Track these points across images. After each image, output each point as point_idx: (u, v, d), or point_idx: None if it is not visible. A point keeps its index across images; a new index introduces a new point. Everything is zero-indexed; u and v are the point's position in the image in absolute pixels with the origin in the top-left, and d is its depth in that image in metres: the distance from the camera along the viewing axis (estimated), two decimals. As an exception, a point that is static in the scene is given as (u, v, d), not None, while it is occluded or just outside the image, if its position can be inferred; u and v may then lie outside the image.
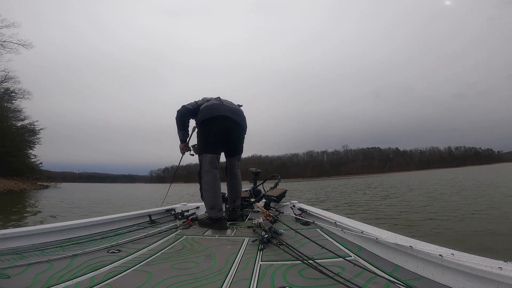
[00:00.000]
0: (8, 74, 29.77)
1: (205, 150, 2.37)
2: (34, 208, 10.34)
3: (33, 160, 37.35)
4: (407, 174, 60.74)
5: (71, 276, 1.12)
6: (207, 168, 2.33)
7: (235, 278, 1.11)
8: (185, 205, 3.15)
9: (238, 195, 2.71)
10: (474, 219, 5.42)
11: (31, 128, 34.34)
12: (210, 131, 2.37)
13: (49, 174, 60.89)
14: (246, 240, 1.74)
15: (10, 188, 24.05)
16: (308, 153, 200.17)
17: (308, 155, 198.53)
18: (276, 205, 3.24)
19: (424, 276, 1.01)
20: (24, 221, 7.09)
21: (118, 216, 2.31)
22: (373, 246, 1.35)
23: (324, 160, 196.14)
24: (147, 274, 1.16)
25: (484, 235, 4.19)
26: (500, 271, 0.76)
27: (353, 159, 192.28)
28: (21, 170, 31.69)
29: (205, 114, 2.39)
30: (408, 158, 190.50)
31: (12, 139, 29.89)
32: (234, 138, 2.53)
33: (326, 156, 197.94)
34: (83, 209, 10.25)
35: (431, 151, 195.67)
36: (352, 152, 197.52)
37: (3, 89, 30.85)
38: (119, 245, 1.64)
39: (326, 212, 2.20)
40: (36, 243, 1.63)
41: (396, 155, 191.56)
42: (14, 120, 32.68)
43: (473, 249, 3.35)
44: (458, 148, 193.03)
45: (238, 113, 2.50)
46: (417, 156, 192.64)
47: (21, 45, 28.47)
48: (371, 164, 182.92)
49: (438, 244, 1.04)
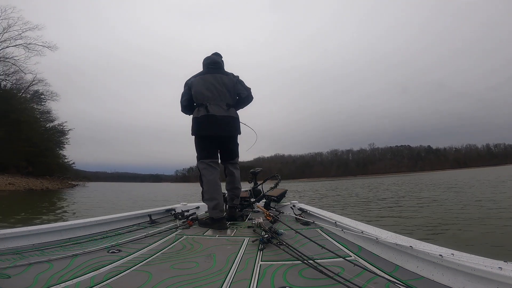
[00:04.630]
0: (36, 77, 30.71)
1: (202, 157, 2.46)
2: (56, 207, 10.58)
3: (66, 160, 38.49)
4: (450, 173, 55.52)
5: (71, 276, 1.12)
6: (206, 170, 2.42)
7: (235, 278, 1.11)
8: (185, 205, 3.14)
9: (237, 193, 2.72)
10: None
11: (60, 129, 35.22)
12: (202, 143, 2.48)
13: (84, 174, 64.10)
14: (246, 240, 1.74)
15: (32, 188, 24.42)
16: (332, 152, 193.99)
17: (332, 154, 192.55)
18: (276, 205, 3.25)
19: (424, 276, 1.01)
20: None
21: (118, 216, 2.31)
22: (373, 246, 1.35)
23: (349, 159, 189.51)
24: (147, 274, 1.16)
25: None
26: (500, 271, 0.76)
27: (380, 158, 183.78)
28: (52, 170, 32.53)
29: (195, 129, 2.47)
30: (441, 156, 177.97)
31: (42, 139, 30.52)
32: (226, 147, 2.61)
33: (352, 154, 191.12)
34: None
35: (467, 149, 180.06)
36: (380, 150, 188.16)
37: (32, 91, 32.00)
38: (119, 245, 1.63)
39: (326, 212, 2.20)
40: (36, 243, 1.63)
41: (428, 154, 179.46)
42: (44, 121, 33.65)
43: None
44: (497, 146, 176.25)
45: (225, 125, 2.48)
46: (452, 154, 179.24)
47: (46, 47, 29.09)
48: (400, 163, 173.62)
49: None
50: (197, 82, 2.50)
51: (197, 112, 2.46)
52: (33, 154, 28.53)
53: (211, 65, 2.60)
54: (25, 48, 28.25)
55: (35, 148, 28.38)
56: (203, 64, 2.65)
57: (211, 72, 2.53)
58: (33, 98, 32.34)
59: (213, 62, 2.61)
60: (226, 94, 2.50)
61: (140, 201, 14.14)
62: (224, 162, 2.66)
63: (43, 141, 30.72)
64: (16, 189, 22.51)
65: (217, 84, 2.47)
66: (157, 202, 13.35)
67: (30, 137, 27.85)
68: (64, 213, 8.64)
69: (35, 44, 28.44)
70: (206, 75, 2.52)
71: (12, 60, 28.12)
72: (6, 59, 27.83)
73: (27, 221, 6.53)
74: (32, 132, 28.69)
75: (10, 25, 26.98)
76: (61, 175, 33.83)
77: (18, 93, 30.10)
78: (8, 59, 27.91)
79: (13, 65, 28.29)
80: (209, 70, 2.57)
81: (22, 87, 30.65)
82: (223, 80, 2.50)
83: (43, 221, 6.68)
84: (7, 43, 27.57)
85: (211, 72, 2.54)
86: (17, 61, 28.34)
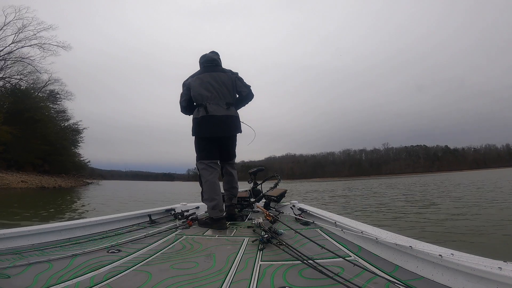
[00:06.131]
0: (51, 76, 30.94)
1: (202, 158, 2.46)
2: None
3: (82, 159, 38.91)
4: (473, 173, 52.08)
5: (71, 276, 1.13)
6: (206, 171, 2.41)
7: (235, 278, 1.11)
8: (185, 205, 3.13)
9: (235, 193, 2.72)
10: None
11: (74, 127, 35.65)
12: (202, 143, 2.46)
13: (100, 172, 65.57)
14: (246, 240, 1.73)
15: (45, 185, 24.21)
16: (345, 151, 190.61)
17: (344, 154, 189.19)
18: (276, 205, 3.24)
19: (424, 276, 1.01)
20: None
21: (118, 216, 2.31)
22: (373, 246, 1.35)
23: (362, 158, 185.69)
24: (147, 274, 1.16)
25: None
26: (500, 271, 0.76)
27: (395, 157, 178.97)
28: (68, 168, 33.08)
29: (195, 131, 2.45)
30: (460, 156, 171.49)
31: (57, 138, 30.84)
32: (226, 148, 2.59)
33: (365, 154, 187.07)
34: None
35: (486, 149, 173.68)
36: (394, 150, 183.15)
37: (48, 90, 32.38)
38: (119, 245, 1.63)
39: (326, 212, 2.19)
40: (36, 243, 1.63)
41: (445, 154, 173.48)
42: (60, 120, 34.23)
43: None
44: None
45: (226, 124, 2.45)
46: (470, 154, 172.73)
47: (60, 47, 29.12)
48: (416, 163, 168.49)
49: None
50: (195, 82, 2.45)
51: (196, 113, 2.43)
52: (48, 153, 28.93)
53: (207, 63, 2.55)
54: (40, 48, 28.35)
55: (50, 147, 28.76)
56: (199, 62, 2.61)
57: (208, 71, 2.48)
58: (49, 98, 32.88)
59: (210, 60, 2.56)
60: (225, 93, 2.46)
61: (160, 199, 13.81)
62: (222, 162, 2.65)
63: (58, 140, 31.06)
64: (28, 186, 22.46)
65: (215, 83, 2.42)
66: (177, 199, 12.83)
67: (45, 136, 28.13)
68: (59, 214, 8.15)
69: (49, 44, 28.55)
70: (204, 74, 2.47)
71: (28, 60, 28.23)
72: (22, 59, 27.95)
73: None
74: (48, 131, 28.97)
75: (25, 25, 27.06)
76: (76, 173, 34.27)
77: (34, 93, 30.38)
78: (24, 59, 28.03)
79: (29, 65, 28.48)
80: (206, 68, 2.52)
81: (37, 87, 30.86)
82: (221, 78, 2.45)
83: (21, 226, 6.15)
84: (23, 43, 27.69)
85: (208, 70, 2.49)
86: (33, 61, 28.44)
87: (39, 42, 28.28)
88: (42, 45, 28.42)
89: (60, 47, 29.19)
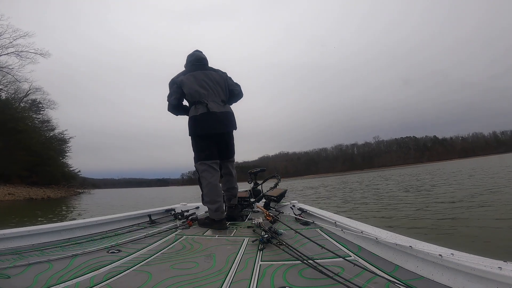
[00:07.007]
0: (32, 85, 29.84)
1: (201, 158, 2.38)
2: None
3: (72, 168, 37.86)
4: (462, 162, 52.31)
5: (71, 276, 1.12)
6: (208, 172, 2.33)
7: (235, 278, 1.11)
8: (185, 205, 3.11)
9: (235, 193, 2.67)
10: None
11: (60, 137, 34.61)
12: (202, 143, 2.39)
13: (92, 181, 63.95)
14: (246, 240, 1.73)
15: (33, 197, 23.73)
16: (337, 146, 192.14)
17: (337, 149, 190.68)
18: (276, 205, 3.22)
19: (424, 276, 1.01)
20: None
21: (118, 216, 2.29)
22: (373, 246, 1.34)
23: (354, 153, 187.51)
24: (147, 274, 1.16)
25: None
26: (500, 271, 0.75)
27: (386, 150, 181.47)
28: (57, 179, 31.83)
29: (195, 129, 2.37)
30: (448, 146, 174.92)
31: (43, 148, 29.91)
32: (225, 145, 2.52)
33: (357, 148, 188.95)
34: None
35: (474, 137, 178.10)
36: (385, 143, 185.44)
37: (30, 100, 31.17)
38: (119, 245, 1.63)
39: (326, 212, 2.18)
40: (36, 243, 1.62)
41: (434, 144, 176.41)
42: (44, 130, 33.00)
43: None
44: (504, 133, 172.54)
45: (226, 120, 2.43)
46: (458, 143, 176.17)
47: (38, 54, 28.06)
48: (407, 154, 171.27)
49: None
50: (188, 80, 2.39)
51: (195, 111, 2.36)
52: (34, 164, 28.05)
53: (197, 61, 2.53)
54: (17, 56, 27.25)
55: (35, 157, 27.90)
56: (187, 61, 2.57)
57: (199, 69, 2.45)
58: (31, 107, 31.68)
59: (199, 58, 2.54)
60: (219, 91, 2.45)
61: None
62: (222, 161, 2.59)
63: (44, 150, 30.27)
64: (15, 199, 21.91)
65: (209, 81, 2.40)
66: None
67: (29, 146, 27.34)
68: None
69: (27, 52, 27.43)
70: (196, 72, 2.43)
71: (6, 69, 27.08)
72: (0, 68, 26.88)
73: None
74: (32, 141, 28.20)
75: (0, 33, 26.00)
76: (66, 184, 33.36)
77: (15, 103, 29.50)
78: (2, 68, 26.93)
79: (8, 74, 27.62)
80: (196, 66, 2.49)
81: (19, 97, 29.75)
82: (214, 77, 2.45)
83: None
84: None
85: (199, 68, 2.46)
86: (11, 70, 27.42)
87: (16, 50, 27.14)
88: (20, 53, 27.27)
89: (38, 54, 28.09)
